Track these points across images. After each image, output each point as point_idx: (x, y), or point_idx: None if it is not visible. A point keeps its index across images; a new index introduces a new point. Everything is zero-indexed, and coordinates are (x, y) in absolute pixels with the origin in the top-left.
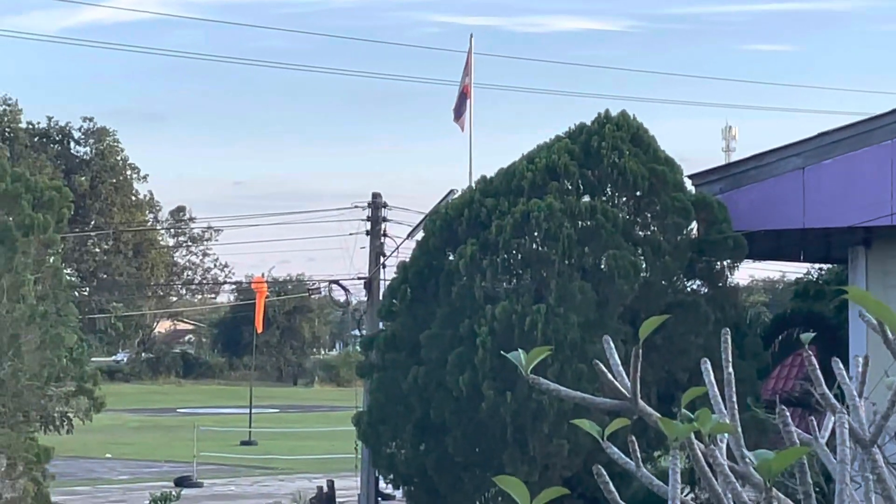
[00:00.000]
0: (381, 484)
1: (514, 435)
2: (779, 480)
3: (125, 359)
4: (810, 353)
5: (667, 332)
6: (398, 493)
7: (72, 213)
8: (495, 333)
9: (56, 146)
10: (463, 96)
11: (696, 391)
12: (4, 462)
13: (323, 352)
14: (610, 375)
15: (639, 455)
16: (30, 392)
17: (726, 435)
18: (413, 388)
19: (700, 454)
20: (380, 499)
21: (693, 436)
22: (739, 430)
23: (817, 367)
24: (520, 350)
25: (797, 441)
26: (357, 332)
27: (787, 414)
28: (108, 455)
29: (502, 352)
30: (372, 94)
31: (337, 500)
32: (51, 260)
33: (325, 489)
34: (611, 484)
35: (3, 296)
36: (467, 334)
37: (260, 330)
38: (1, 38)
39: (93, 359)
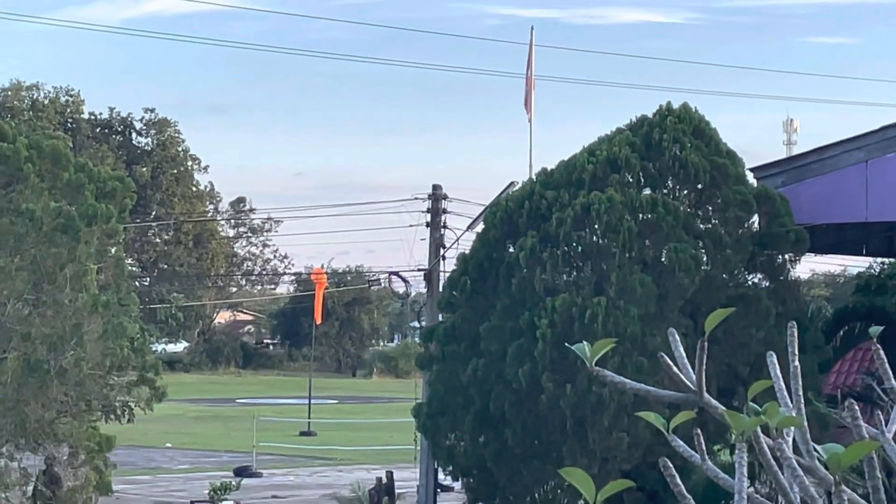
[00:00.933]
0: (440, 475)
1: (573, 427)
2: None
3: (163, 349)
4: (878, 346)
5: (728, 325)
6: (457, 485)
7: (134, 203)
8: (555, 326)
9: (118, 137)
10: (529, 87)
11: (763, 384)
12: (67, 450)
13: (382, 343)
14: (675, 368)
15: (704, 448)
16: (92, 381)
17: (792, 428)
18: (472, 380)
19: (766, 447)
20: (438, 490)
21: (758, 429)
22: (806, 423)
23: (885, 360)
24: (584, 342)
25: (866, 435)
26: (416, 324)
27: (857, 408)
28: (168, 444)
29: (567, 343)
30: (433, 85)
31: (396, 490)
32: (113, 250)
33: (384, 480)
34: (677, 477)
35: (67, 285)
36: (527, 326)
37: (319, 321)
38: (64, 28)
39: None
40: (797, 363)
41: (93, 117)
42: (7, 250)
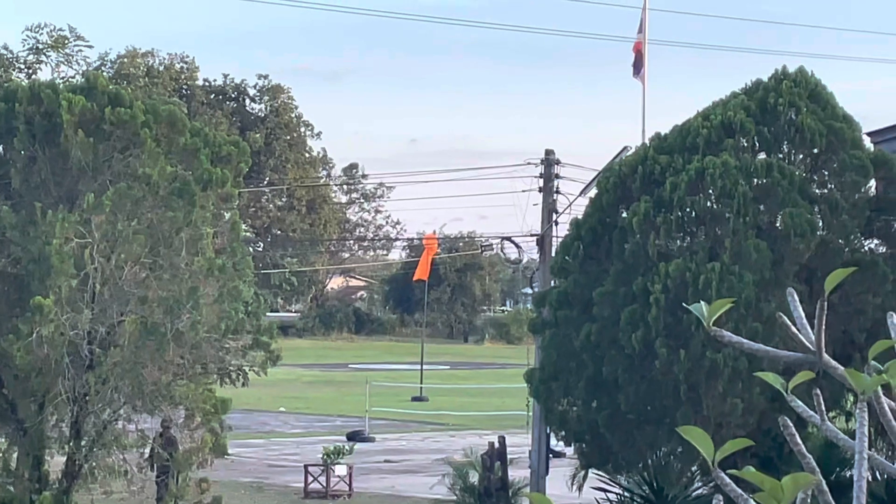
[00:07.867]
0: (553, 441)
1: (687, 393)
2: None
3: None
4: None
5: (844, 291)
6: (569, 451)
7: (248, 168)
8: (669, 291)
9: (231, 103)
10: (639, 52)
11: (883, 344)
12: (183, 413)
13: (493, 309)
14: (794, 328)
15: (823, 408)
16: (208, 344)
17: None
18: (585, 345)
19: (888, 408)
20: (551, 455)
21: (879, 389)
22: None
23: None
24: (701, 302)
25: None
26: (528, 290)
27: None
28: (282, 409)
29: (683, 304)
30: (546, 50)
31: (508, 456)
32: (228, 214)
33: (497, 445)
34: (797, 435)
35: (183, 249)
36: (640, 292)
37: (417, 277)
38: None
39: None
40: None
41: (207, 84)
42: (124, 214)
